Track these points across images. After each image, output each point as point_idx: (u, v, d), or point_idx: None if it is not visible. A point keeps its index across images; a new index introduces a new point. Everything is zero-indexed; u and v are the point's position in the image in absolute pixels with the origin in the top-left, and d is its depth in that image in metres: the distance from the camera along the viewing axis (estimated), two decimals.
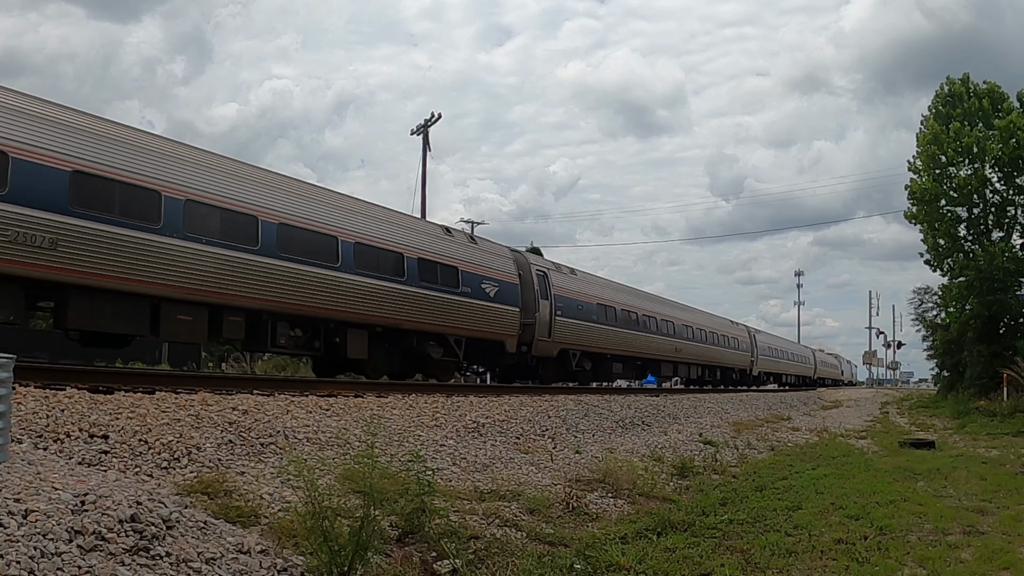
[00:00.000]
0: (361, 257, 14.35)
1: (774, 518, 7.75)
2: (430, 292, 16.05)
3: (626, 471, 9.14)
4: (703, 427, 16.19)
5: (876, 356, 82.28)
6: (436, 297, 16.24)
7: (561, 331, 20.86)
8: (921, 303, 36.87)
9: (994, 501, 9.01)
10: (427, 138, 34.83)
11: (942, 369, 36.59)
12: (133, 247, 10.69)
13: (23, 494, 4.12)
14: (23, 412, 6.31)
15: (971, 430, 19.98)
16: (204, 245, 11.58)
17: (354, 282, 14.06)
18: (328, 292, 13.52)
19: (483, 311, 17.66)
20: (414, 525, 5.70)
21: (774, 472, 11.20)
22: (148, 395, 8.01)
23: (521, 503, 7.28)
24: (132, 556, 4.00)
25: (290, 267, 12.84)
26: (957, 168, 30.75)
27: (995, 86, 31.06)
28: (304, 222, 13.38)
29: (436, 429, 9.84)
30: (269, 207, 12.81)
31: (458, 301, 16.85)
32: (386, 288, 14.88)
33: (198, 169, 12.01)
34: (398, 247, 15.50)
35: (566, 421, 12.75)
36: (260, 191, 12.91)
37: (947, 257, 31.92)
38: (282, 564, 4.61)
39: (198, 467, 6.24)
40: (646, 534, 6.88)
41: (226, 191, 12.22)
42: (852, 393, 50.29)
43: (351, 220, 14.58)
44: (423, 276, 15.91)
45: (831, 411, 29.58)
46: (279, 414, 8.35)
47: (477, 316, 17.46)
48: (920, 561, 6.25)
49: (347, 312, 14.02)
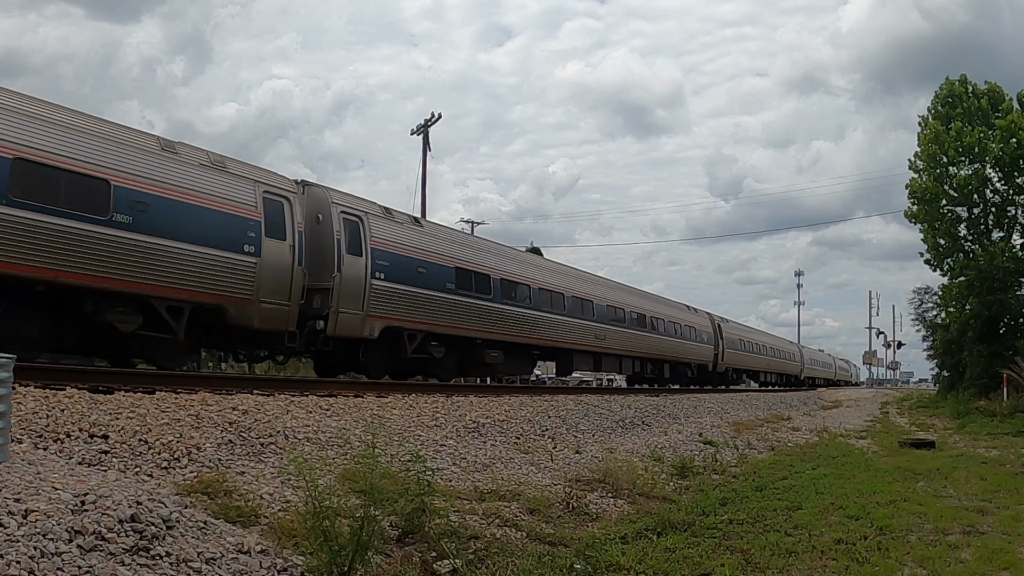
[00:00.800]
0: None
1: (774, 518, 7.74)
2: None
3: (626, 471, 9.14)
4: (703, 427, 16.18)
5: (876, 356, 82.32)
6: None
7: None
8: (921, 303, 36.90)
9: (994, 501, 9.00)
10: (427, 138, 34.81)
11: (942, 369, 36.57)
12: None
13: (23, 494, 4.12)
14: (23, 412, 6.31)
15: (971, 430, 19.97)
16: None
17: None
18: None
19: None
20: (414, 525, 5.70)
21: (774, 472, 11.20)
22: (148, 395, 8.02)
23: (521, 503, 7.28)
24: (132, 556, 4.00)
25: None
26: (958, 168, 30.74)
27: (995, 86, 31.06)
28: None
29: (436, 429, 9.84)
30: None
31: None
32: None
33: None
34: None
35: (566, 421, 12.76)
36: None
37: (947, 257, 31.90)
38: (282, 564, 4.61)
39: (198, 467, 6.23)
40: (646, 534, 6.88)
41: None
42: (852, 393, 50.34)
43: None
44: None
45: (831, 411, 29.58)
46: (279, 414, 8.35)
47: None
48: (920, 561, 6.24)
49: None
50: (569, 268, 24.49)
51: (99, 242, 10.31)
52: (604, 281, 26.53)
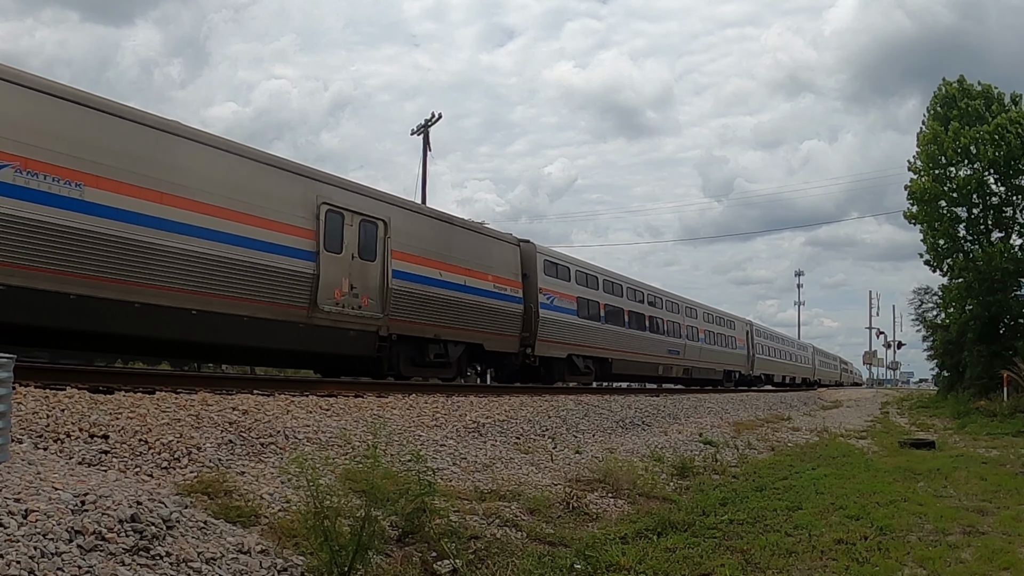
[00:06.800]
0: None
1: (774, 518, 7.74)
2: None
3: (626, 471, 9.14)
4: (703, 427, 16.18)
5: (876, 356, 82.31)
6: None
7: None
8: (921, 303, 36.96)
9: (994, 501, 9.01)
10: (427, 138, 34.81)
11: (942, 369, 36.62)
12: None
13: (23, 494, 4.12)
14: (23, 412, 6.30)
15: (971, 430, 19.98)
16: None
17: None
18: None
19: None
20: (414, 525, 5.69)
21: (774, 472, 11.20)
22: (148, 395, 8.00)
23: (521, 503, 7.28)
24: (132, 556, 4.00)
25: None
26: (956, 168, 30.72)
27: (988, 87, 31.00)
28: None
29: (436, 429, 9.84)
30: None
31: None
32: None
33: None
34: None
35: (566, 421, 12.75)
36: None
37: (947, 257, 31.86)
38: (282, 564, 4.61)
39: (198, 467, 6.23)
40: (646, 534, 6.88)
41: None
42: (852, 393, 50.32)
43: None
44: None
45: (831, 411, 29.57)
46: (279, 414, 8.34)
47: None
48: (920, 561, 6.24)
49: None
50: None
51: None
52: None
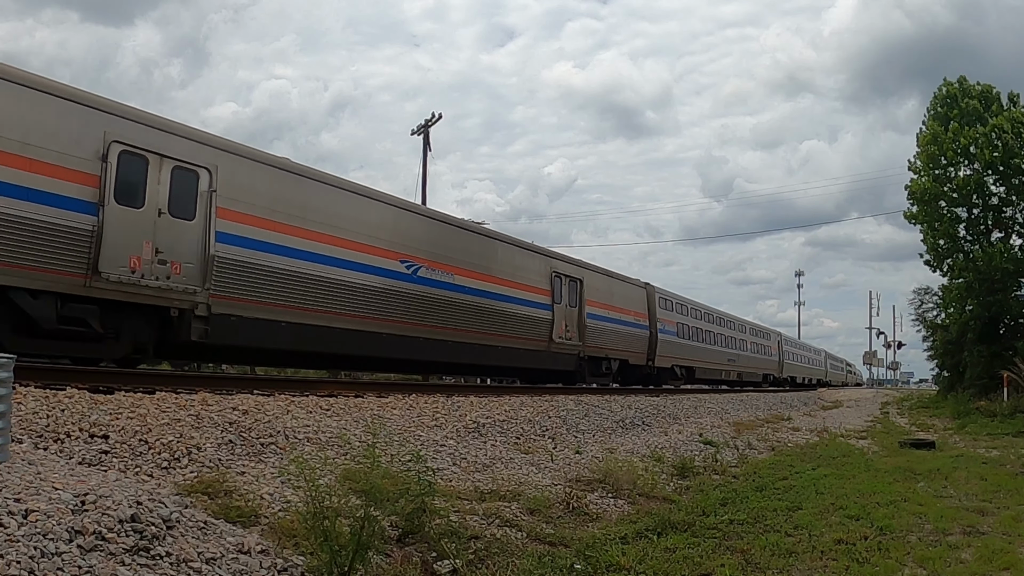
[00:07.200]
0: None
1: (774, 518, 7.74)
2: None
3: (626, 471, 9.13)
4: (703, 427, 16.18)
5: (876, 356, 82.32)
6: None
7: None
8: (921, 304, 36.97)
9: (994, 501, 9.00)
10: (428, 138, 34.81)
11: (942, 369, 36.62)
12: None
13: (23, 494, 4.12)
14: (23, 412, 6.31)
15: (971, 430, 19.97)
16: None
17: None
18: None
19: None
20: (414, 525, 5.69)
21: (774, 472, 11.19)
22: (148, 395, 8.00)
23: (521, 503, 7.27)
24: (132, 556, 4.00)
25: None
26: (956, 169, 30.71)
27: (987, 87, 30.97)
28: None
29: (436, 429, 9.84)
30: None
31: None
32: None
33: None
34: None
35: (566, 421, 12.75)
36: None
37: (947, 258, 31.85)
38: (282, 564, 4.61)
39: (198, 467, 6.23)
40: (646, 534, 6.87)
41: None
42: (852, 393, 50.31)
43: None
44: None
45: (831, 411, 29.57)
46: (279, 414, 8.34)
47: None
48: (920, 561, 6.24)
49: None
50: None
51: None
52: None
